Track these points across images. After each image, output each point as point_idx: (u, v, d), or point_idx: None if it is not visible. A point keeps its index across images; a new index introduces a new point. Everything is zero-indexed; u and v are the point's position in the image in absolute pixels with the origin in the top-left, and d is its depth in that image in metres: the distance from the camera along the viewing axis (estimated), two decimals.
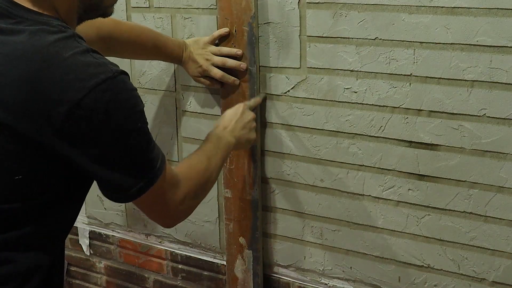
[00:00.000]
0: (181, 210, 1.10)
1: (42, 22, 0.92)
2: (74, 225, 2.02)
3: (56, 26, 0.92)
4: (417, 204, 1.40)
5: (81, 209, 1.05)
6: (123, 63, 1.71)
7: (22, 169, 0.94)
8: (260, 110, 1.53)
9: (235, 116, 1.36)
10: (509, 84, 1.23)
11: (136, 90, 0.96)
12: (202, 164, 1.17)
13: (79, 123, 0.89)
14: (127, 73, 0.94)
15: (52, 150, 0.91)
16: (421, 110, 1.34)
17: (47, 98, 0.87)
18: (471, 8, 1.23)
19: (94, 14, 1.03)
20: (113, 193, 0.99)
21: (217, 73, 1.49)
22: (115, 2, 1.05)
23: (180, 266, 1.84)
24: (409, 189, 1.40)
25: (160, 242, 1.86)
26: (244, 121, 1.37)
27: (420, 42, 1.30)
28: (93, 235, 2.00)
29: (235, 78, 1.50)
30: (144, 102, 1.79)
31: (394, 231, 1.45)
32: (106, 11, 1.04)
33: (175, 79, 1.66)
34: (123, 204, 1.89)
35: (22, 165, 0.93)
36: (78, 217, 2.00)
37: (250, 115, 1.40)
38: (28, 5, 0.93)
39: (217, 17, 1.51)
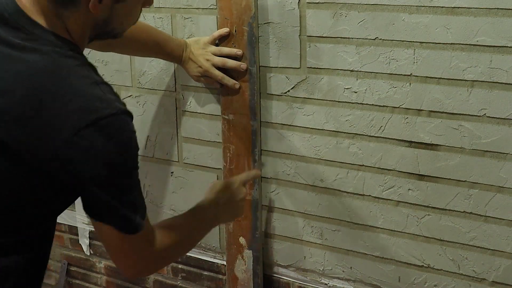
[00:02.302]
0: (147, 267, 1.12)
1: (55, 43, 0.94)
2: (74, 225, 2.03)
3: (68, 50, 0.94)
4: (417, 204, 1.40)
5: (81, 209, 1.06)
6: (123, 62, 1.71)
7: (18, 187, 0.96)
8: (259, 111, 1.53)
9: (226, 193, 1.32)
10: (509, 84, 1.23)
11: (135, 132, 0.98)
12: (181, 231, 1.17)
13: (76, 151, 0.91)
14: (131, 114, 0.96)
15: (47, 172, 0.93)
16: (421, 110, 1.34)
17: (50, 123, 0.89)
18: (471, 8, 1.23)
19: (105, 37, 1.06)
20: (94, 213, 1.01)
21: (218, 75, 1.49)
22: (127, 29, 1.07)
23: (180, 266, 1.84)
24: (409, 189, 1.40)
25: None
26: (234, 199, 1.33)
27: (420, 42, 1.30)
28: (93, 235, 2.00)
29: (235, 82, 1.49)
30: (144, 102, 1.80)
31: (394, 231, 1.45)
32: (116, 36, 1.06)
33: (175, 79, 1.66)
34: None
35: (18, 183, 0.96)
36: (78, 217, 2.01)
37: (241, 193, 1.35)
38: (43, 23, 0.95)
39: (217, 17, 1.51)
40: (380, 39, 1.33)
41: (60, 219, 1.44)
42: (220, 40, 1.50)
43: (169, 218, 1.21)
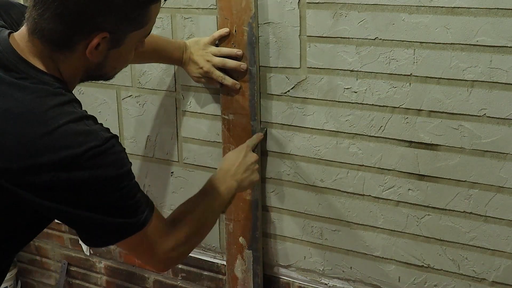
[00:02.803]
0: (172, 256, 1.13)
1: (45, 82, 0.98)
2: None
3: (57, 88, 0.98)
4: (417, 204, 1.40)
5: None
6: None
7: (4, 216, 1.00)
8: (259, 111, 1.53)
9: (237, 159, 1.35)
10: (509, 84, 1.23)
11: (123, 151, 1.01)
12: (198, 211, 1.19)
13: (65, 185, 0.94)
14: (116, 136, 1.00)
15: (35, 204, 0.96)
16: (421, 110, 1.34)
17: (38, 160, 0.93)
18: (471, 8, 1.23)
19: (96, 79, 1.09)
20: (92, 239, 1.04)
21: (218, 75, 1.49)
22: (119, 72, 1.10)
23: (180, 266, 1.84)
24: (409, 189, 1.40)
25: None
26: (247, 164, 1.35)
27: (420, 42, 1.30)
28: None
29: (236, 82, 1.49)
30: (144, 102, 1.80)
31: (394, 231, 1.45)
32: (108, 78, 1.10)
33: (175, 79, 1.66)
34: None
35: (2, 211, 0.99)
36: None
37: (253, 157, 1.38)
38: (35, 63, 0.99)
39: (217, 17, 1.51)
40: (380, 39, 1.33)
41: None
42: (220, 40, 1.50)
43: (183, 202, 1.22)
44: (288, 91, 1.48)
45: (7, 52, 0.99)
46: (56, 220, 1.05)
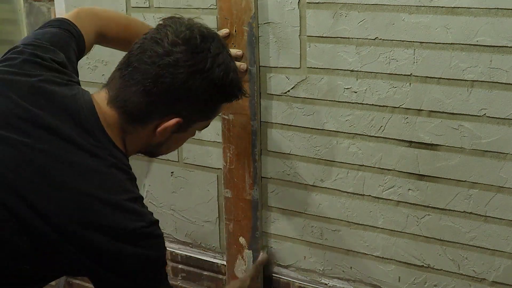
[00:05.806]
0: None
1: (114, 155, 1.04)
2: None
3: (123, 164, 1.05)
4: (417, 204, 1.40)
5: None
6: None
7: (32, 263, 1.00)
8: (259, 111, 1.53)
9: (243, 284, 1.49)
10: (509, 84, 1.23)
11: (162, 235, 1.07)
12: None
13: (110, 252, 1.00)
14: (158, 221, 1.06)
15: (73, 259, 0.99)
16: (421, 110, 1.34)
17: (94, 223, 0.98)
18: (471, 8, 1.23)
19: (147, 154, 1.18)
20: None
21: None
22: (166, 154, 1.18)
23: (180, 266, 1.84)
24: (409, 189, 1.40)
25: None
26: None
27: (420, 42, 1.30)
28: None
29: None
30: None
31: (394, 231, 1.45)
32: (154, 156, 1.20)
33: None
34: None
35: (35, 260, 1.00)
36: None
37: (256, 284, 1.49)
38: (109, 132, 1.04)
39: (217, 17, 1.51)
40: (380, 39, 1.33)
41: None
42: None
43: None
44: (288, 91, 1.48)
45: (90, 117, 1.02)
46: None
